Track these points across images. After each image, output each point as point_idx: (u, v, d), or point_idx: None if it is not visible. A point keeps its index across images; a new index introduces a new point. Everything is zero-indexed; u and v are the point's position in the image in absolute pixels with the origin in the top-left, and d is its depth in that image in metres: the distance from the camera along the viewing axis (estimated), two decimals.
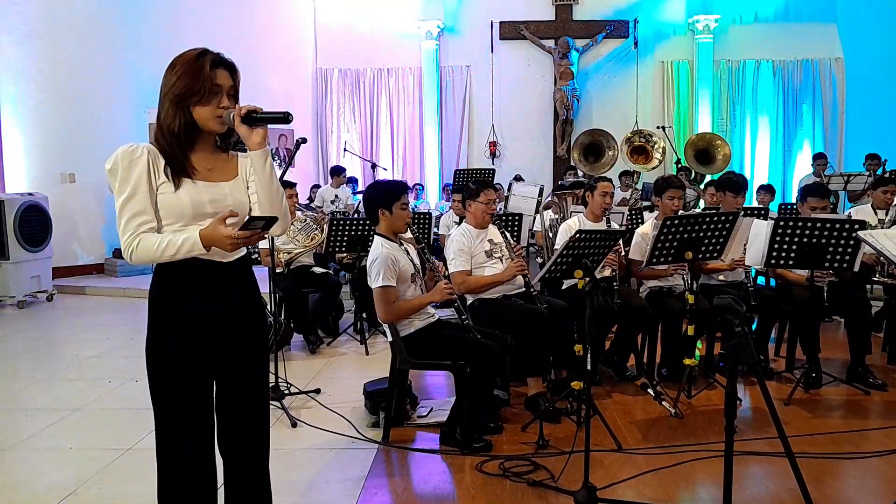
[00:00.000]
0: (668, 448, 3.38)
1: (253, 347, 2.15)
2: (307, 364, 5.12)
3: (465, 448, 3.33)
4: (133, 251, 1.92)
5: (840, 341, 5.30)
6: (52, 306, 7.93)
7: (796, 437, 3.46)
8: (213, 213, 1.98)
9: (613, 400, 4.16)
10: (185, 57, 1.97)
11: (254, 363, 2.16)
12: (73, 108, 9.38)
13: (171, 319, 2.00)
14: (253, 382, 2.16)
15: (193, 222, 1.97)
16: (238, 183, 2.09)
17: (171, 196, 1.95)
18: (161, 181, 1.95)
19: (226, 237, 1.87)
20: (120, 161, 1.92)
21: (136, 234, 1.92)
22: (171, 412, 2.04)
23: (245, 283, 2.13)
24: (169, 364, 2.01)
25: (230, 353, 2.08)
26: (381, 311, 3.39)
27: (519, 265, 4.07)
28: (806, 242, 4.00)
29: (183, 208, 1.96)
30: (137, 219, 1.92)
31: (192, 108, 1.95)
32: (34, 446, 3.60)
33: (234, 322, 2.07)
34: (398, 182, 3.77)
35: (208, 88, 1.94)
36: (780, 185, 11.66)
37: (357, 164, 11.84)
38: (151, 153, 1.95)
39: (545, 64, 11.96)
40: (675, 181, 4.74)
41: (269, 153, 2.02)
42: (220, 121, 1.97)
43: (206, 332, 2.02)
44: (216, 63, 1.98)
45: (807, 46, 11.70)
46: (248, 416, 2.15)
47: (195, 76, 1.93)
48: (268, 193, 2.03)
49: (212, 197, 2.00)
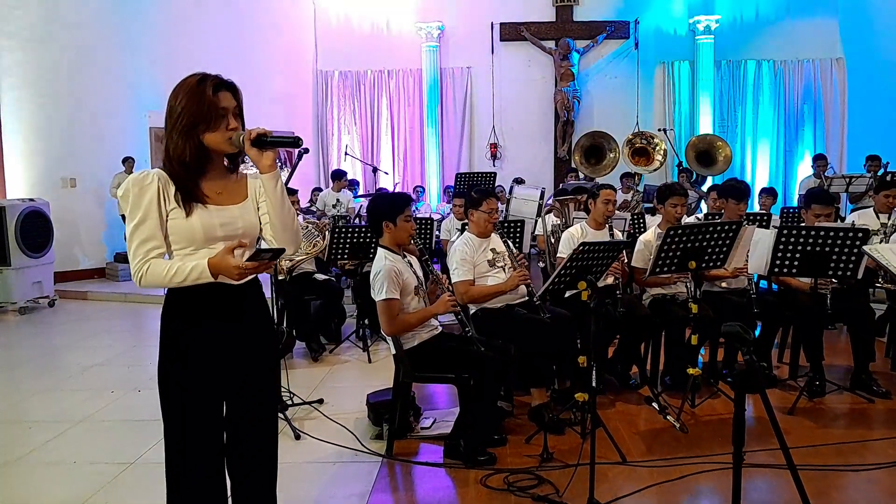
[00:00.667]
0: (673, 461, 3.37)
1: (264, 368, 2.16)
2: (310, 372, 5.12)
3: (469, 462, 3.33)
4: (143, 276, 1.94)
5: (843, 347, 5.29)
6: (53, 312, 7.92)
7: (800, 449, 3.45)
8: (224, 236, 2.00)
9: (617, 409, 4.15)
10: (186, 84, 1.96)
11: (264, 383, 2.17)
12: (73, 113, 9.37)
13: (180, 345, 2.02)
14: (263, 403, 2.17)
15: (205, 246, 1.99)
16: (248, 205, 2.09)
17: (182, 222, 1.97)
18: (172, 207, 1.97)
19: (234, 267, 1.89)
20: (131, 188, 1.94)
21: (145, 260, 1.94)
22: (180, 434, 2.05)
23: (255, 304, 2.14)
24: (179, 388, 2.02)
25: (241, 376, 2.09)
26: (385, 325, 3.39)
27: (522, 275, 4.06)
28: (810, 251, 3.99)
29: (194, 234, 1.97)
30: (147, 244, 1.94)
31: (202, 136, 1.95)
32: (37, 461, 3.60)
33: (245, 345, 2.08)
34: (402, 194, 3.77)
35: (214, 114, 1.94)
36: (782, 187, 11.65)
37: (358, 166, 11.83)
38: (162, 180, 1.96)
39: (546, 65, 11.95)
40: (678, 188, 4.73)
41: (279, 176, 2.02)
42: (232, 142, 1.98)
43: (217, 357, 2.03)
44: (218, 86, 1.98)
45: (808, 47, 11.68)
46: (258, 437, 2.16)
47: (199, 103, 1.93)
48: (280, 216, 2.04)
49: (222, 221, 2.01)
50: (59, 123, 9.31)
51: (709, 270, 4.26)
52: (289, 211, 2.04)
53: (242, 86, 2.08)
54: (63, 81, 9.30)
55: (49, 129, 9.27)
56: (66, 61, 9.31)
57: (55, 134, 9.30)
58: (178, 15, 10.29)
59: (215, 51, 10.45)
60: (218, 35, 10.64)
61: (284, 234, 2.06)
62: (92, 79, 9.46)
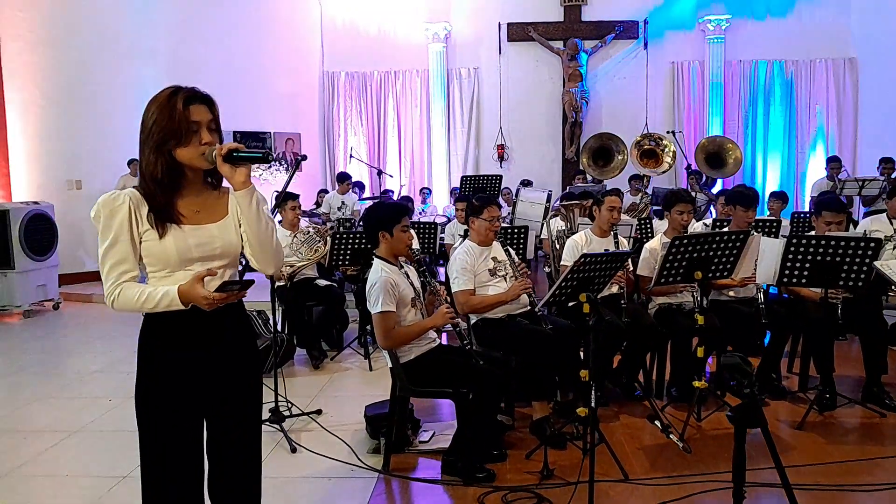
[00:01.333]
0: (676, 478, 3.27)
1: (244, 388, 2.09)
2: (310, 380, 5.05)
3: (467, 478, 3.24)
4: (115, 300, 1.89)
5: (854, 357, 5.17)
6: (58, 315, 7.91)
7: (810, 467, 3.36)
8: (201, 257, 1.94)
9: (621, 422, 4.06)
10: (157, 99, 1.90)
11: (246, 404, 2.10)
12: (79, 116, 9.37)
13: (156, 369, 1.95)
14: (244, 424, 2.10)
15: (180, 268, 1.93)
16: (228, 223, 2.01)
17: (155, 244, 1.90)
18: (145, 228, 1.90)
19: (202, 298, 1.83)
20: (102, 209, 1.88)
21: (117, 284, 1.89)
22: (156, 458, 1.99)
23: (237, 323, 2.07)
24: (155, 411, 1.96)
25: (220, 397, 2.02)
26: (381, 338, 3.31)
27: (523, 284, 3.97)
28: (820, 260, 3.88)
29: (168, 256, 1.91)
30: (119, 268, 1.89)
31: (174, 152, 1.88)
32: (29, 472, 3.55)
33: (224, 367, 2.01)
34: (399, 204, 3.69)
35: (185, 128, 1.86)
36: (793, 189, 11.50)
37: (365, 168, 11.77)
38: (134, 200, 1.89)
39: (554, 66, 11.83)
40: (684, 195, 4.63)
41: (254, 191, 1.95)
42: (205, 157, 1.90)
43: (194, 380, 1.97)
44: (189, 99, 1.89)
45: (820, 46, 11.49)
46: (240, 460, 2.09)
47: (169, 118, 1.86)
48: (256, 234, 1.97)
49: (198, 241, 1.94)
50: (64, 126, 9.32)
51: (715, 280, 4.16)
52: (266, 229, 1.97)
53: (248, 87, 2.02)
54: (69, 84, 9.30)
55: (55, 131, 9.29)
56: (72, 64, 9.31)
57: (61, 136, 9.32)
58: (184, 17, 10.27)
59: (221, 53, 10.43)
60: (224, 37, 10.60)
61: (262, 253, 1.99)
62: (97, 81, 9.46)
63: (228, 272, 2.02)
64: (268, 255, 2.00)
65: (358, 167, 11.59)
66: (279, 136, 11.49)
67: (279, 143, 11.49)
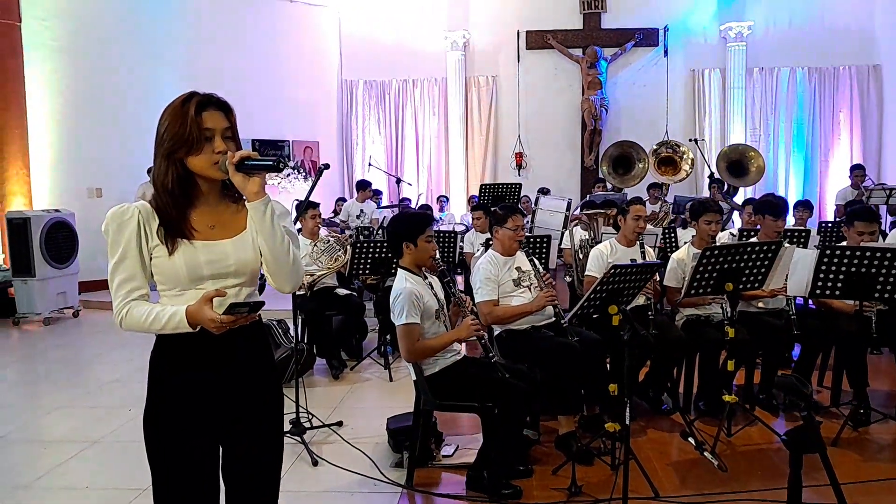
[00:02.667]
0: (708, 496, 3.18)
1: (259, 405, 1.96)
2: (330, 391, 5.00)
3: (493, 495, 3.17)
4: (122, 320, 1.81)
5: (887, 370, 5.04)
6: (77, 323, 7.93)
7: (847, 486, 3.23)
8: (212, 275, 1.84)
9: (648, 437, 3.96)
10: (171, 105, 1.81)
11: (260, 421, 1.97)
12: (99, 123, 9.42)
13: (166, 392, 1.87)
14: (260, 442, 1.97)
15: (191, 286, 1.83)
16: (244, 238, 1.89)
17: (165, 261, 1.81)
18: (154, 244, 1.81)
19: (209, 320, 1.72)
20: (110, 223, 1.80)
21: (126, 302, 1.81)
22: (167, 482, 1.89)
23: (250, 341, 1.94)
24: (166, 436, 1.87)
25: (233, 419, 1.91)
26: (405, 351, 3.24)
27: (549, 295, 3.88)
28: (854, 272, 3.77)
29: (178, 273, 1.82)
30: (127, 285, 1.81)
31: (186, 161, 1.79)
32: (49, 485, 3.51)
33: (236, 388, 1.90)
34: (423, 214, 3.62)
35: (196, 136, 1.77)
36: (816, 197, 11.32)
37: (382, 176, 11.75)
38: (143, 214, 1.81)
39: (573, 73, 11.77)
40: (712, 205, 4.53)
41: (269, 202, 1.82)
42: (219, 167, 1.80)
43: (203, 403, 1.87)
44: (203, 105, 1.80)
45: (843, 53, 11.34)
46: (255, 482, 1.98)
47: (181, 124, 1.76)
48: (271, 248, 1.84)
49: (209, 258, 1.83)
50: (85, 134, 9.37)
51: (746, 292, 4.06)
52: (282, 243, 1.84)
53: (267, 95, 1.96)
54: (90, 92, 9.36)
55: (76, 139, 9.35)
56: (94, 73, 9.37)
57: (82, 144, 9.37)
58: (203, 26, 10.32)
59: (240, 61, 10.46)
60: (242, 45, 10.64)
61: (277, 269, 1.86)
62: (118, 90, 9.51)
63: (245, 291, 1.91)
64: (283, 272, 1.87)
65: (376, 175, 11.56)
66: (297, 144, 11.50)
67: (297, 151, 11.51)
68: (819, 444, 1.47)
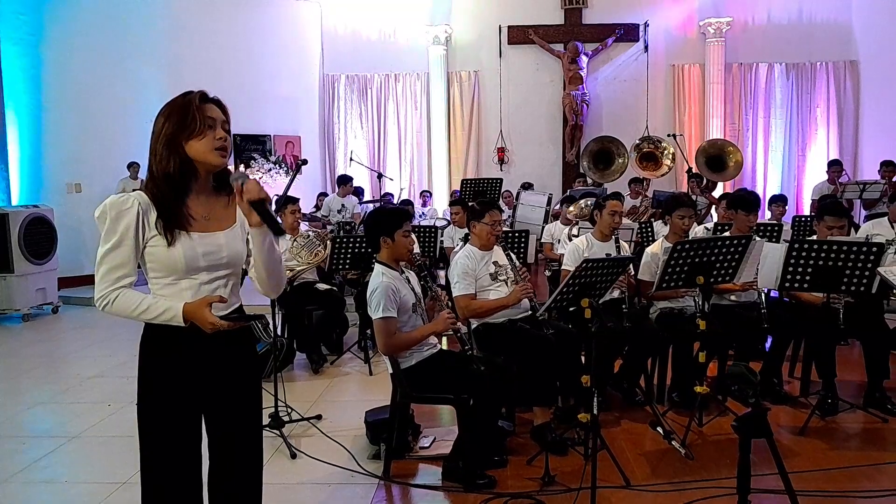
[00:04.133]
0: (678, 484, 3.26)
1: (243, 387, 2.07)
2: (309, 385, 5.04)
3: (468, 485, 3.23)
4: (108, 304, 1.87)
5: (856, 362, 5.15)
6: (57, 319, 7.90)
7: (812, 473, 3.34)
8: (207, 266, 1.93)
9: (622, 428, 4.04)
10: (171, 101, 1.92)
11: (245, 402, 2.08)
12: (79, 118, 9.36)
13: (156, 373, 1.95)
14: (245, 421, 2.08)
15: (186, 276, 1.92)
16: (235, 231, 2.01)
17: (162, 251, 1.88)
18: (152, 234, 1.88)
19: (208, 323, 1.84)
20: (109, 210, 1.86)
21: (114, 288, 1.87)
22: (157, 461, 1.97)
23: (239, 336, 2.03)
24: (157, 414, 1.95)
25: (219, 398, 2.01)
26: (382, 344, 3.30)
27: (525, 289, 3.95)
28: (822, 265, 3.87)
29: (175, 264, 1.90)
30: (118, 272, 1.87)
31: (186, 145, 1.88)
32: (29, 479, 3.53)
33: (223, 367, 2.00)
34: (400, 209, 3.66)
35: (200, 120, 1.87)
36: (794, 192, 11.49)
37: (364, 171, 11.75)
38: (143, 205, 1.87)
39: (554, 68, 11.83)
40: (685, 199, 4.62)
41: (268, 232, 1.94)
42: (221, 153, 1.90)
43: (192, 382, 1.96)
44: (204, 98, 1.93)
45: (821, 49, 11.49)
46: (241, 459, 2.08)
47: (185, 113, 1.87)
48: (266, 266, 1.99)
49: (206, 250, 1.93)
50: (65, 129, 9.30)
51: (717, 285, 4.15)
52: (277, 261, 2.01)
53: (249, 90, 2.04)
54: (69, 87, 9.29)
55: (55, 134, 9.28)
56: (73, 67, 9.31)
57: (61, 139, 9.30)
58: (184, 20, 10.26)
59: (222, 55, 10.41)
60: (224, 39, 10.59)
61: (270, 281, 2.03)
62: (98, 85, 9.45)
63: (232, 281, 2.02)
64: (273, 283, 2.05)
65: (358, 170, 11.56)
66: (279, 139, 11.47)
67: (279, 145, 11.47)
68: (766, 430, 1.54)
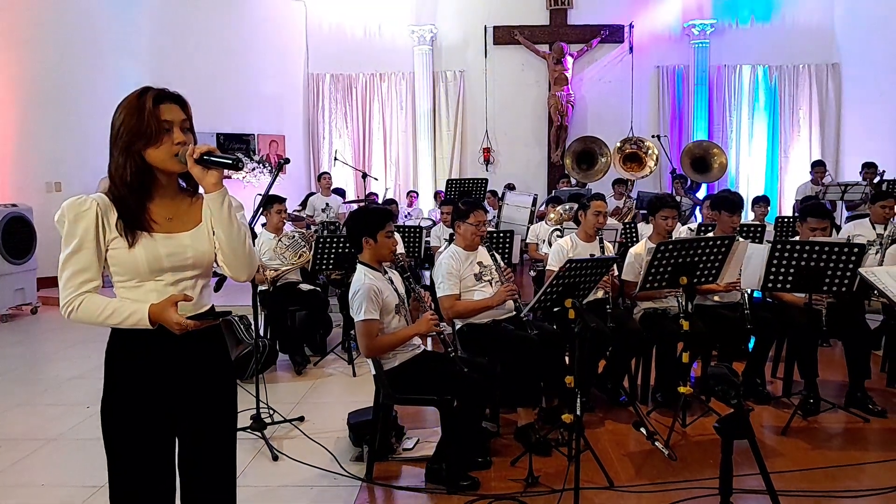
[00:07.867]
0: (661, 485, 3.26)
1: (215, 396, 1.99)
2: (292, 386, 4.99)
3: (451, 486, 3.21)
4: (73, 310, 1.80)
5: (838, 362, 5.18)
6: (36, 319, 7.78)
7: (794, 473, 3.35)
8: (172, 267, 1.86)
9: (606, 428, 4.03)
10: (126, 100, 1.83)
11: (217, 412, 2.00)
12: (59, 116, 9.22)
13: (123, 381, 1.88)
14: (216, 433, 2.00)
15: (150, 278, 1.85)
16: (201, 230, 1.92)
17: (124, 253, 1.82)
18: (113, 236, 1.81)
19: (175, 323, 1.77)
20: (66, 213, 1.79)
21: (78, 293, 1.80)
22: (124, 473, 1.89)
23: (208, 336, 1.96)
24: (123, 425, 1.87)
25: (189, 408, 1.93)
26: (364, 347, 3.26)
27: (509, 289, 3.93)
28: (804, 266, 3.89)
29: (138, 266, 1.83)
30: (81, 276, 1.80)
31: (144, 153, 1.81)
32: (5, 482, 3.46)
33: (193, 376, 1.92)
34: (383, 209, 3.63)
35: (155, 128, 1.79)
36: (776, 193, 11.58)
37: (349, 172, 11.71)
38: (102, 206, 1.81)
39: (540, 69, 11.85)
40: (669, 200, 4.62)
41: (226, 194, 1.86)
42: (178, 159, 1.82)
43: (161, 392, 1.89)
44: (160, 98, 1.82)
45: (804, 52, 11.61)
46: (212, 473, 2.00)
47: (139, 117, 1.78)
48: (227, 239, 1.88)
49: (169, 251, 1.86)
50: (44, 127, 9.16)
51: (701, 285, 4.16)
52: (238, 234, 1.88)
53: (232, 89, 1.97)
54: (49, 84, 9.15)
55: (34, 132, 9.13)
56: (53, 65, 9.16)
57: (40, 137, 9.16)
58: (167, 18, 10.17)
59: (205, 53, 10.33)
60: (208, 37, 10.51)
61: (235, 259, 1.90)
62: (79, 83, 9.31)
63: (200, 283, 1.94)
64: (240, 262, 1.92)
65: (343, 170, 11.51)
66: (263, 138, 11.40)
67: (263, 144, 11.39)
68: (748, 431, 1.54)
